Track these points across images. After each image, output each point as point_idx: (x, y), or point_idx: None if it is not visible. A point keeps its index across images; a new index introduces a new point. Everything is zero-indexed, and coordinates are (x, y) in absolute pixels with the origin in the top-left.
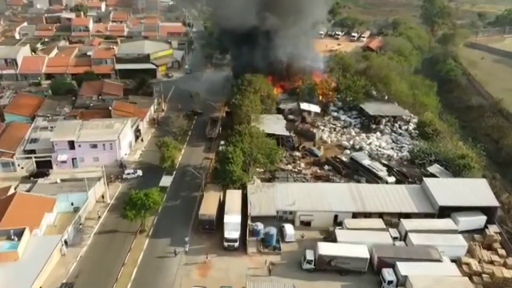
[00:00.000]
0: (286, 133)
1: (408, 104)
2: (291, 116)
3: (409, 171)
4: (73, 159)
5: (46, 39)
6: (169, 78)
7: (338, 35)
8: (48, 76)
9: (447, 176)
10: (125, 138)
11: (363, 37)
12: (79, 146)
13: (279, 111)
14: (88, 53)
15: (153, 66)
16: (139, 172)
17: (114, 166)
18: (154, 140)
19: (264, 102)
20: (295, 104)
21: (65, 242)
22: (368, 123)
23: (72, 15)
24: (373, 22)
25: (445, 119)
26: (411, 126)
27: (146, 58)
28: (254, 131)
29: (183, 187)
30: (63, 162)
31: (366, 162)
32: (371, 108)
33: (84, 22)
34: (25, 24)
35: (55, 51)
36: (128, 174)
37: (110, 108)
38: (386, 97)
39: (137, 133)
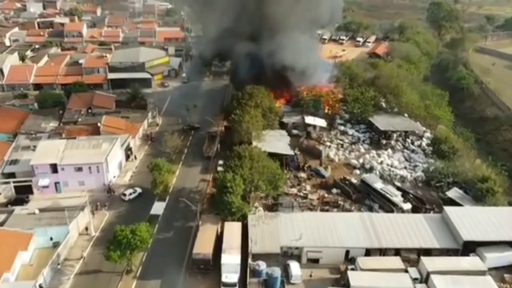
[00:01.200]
0: (290, 152)
1: (420, 117)
2: (295, 131)
3: (425, 195)
4: (56, 183)
5: (37, 46)
6: (165, 88)
7: (343, 40)
8: (37, 86)
9: (468, 201)
10: (114, 159)
11: (369, 42)
12: (62, 169)
13: (282, 125)
14: (80, 61)
15: (148, 75)
16: (139, 190)
17: (101, 190)
18: (147, 160)
19: (266, 117)
20: (300, 117)
21: (40, 287)
22: (378, 139)
23: (66, 20)
24: (379, 26)
25: (459, 132)
26: (424, 142)
27: (140, 67)
28: (255, 153)
29: (177, 215)
30: (45, 187)
31: (379, 185)
32: (381, 122)
33: (77, 27)
34: (16, 29)
35: (45, 59)
36: (130, 194)
37: (99, 124)
38: (396, 109)
39: (128, 152)
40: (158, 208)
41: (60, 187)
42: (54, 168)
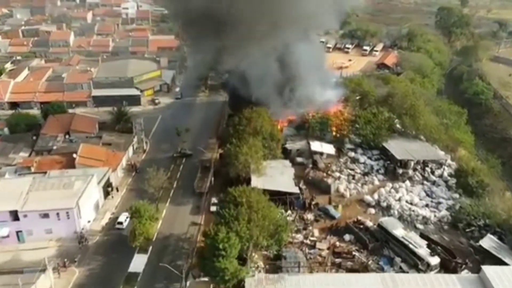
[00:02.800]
0: (295, 189)
1: (441, 142)
2: (299, 159)
3: (453, 242)
4: (17, 232)
5: (19, 57)
6: (155, 106)
7: (348, 48)
8: (13, 105)
9: (506, 253)
10: (89, 199)
11: (376, 50)
12: (25, 216)
13: (285, 151)
14: (63, 75)
15: (137, 92)
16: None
17: (72, 239)
18: (130, 196)
19: (267, 145)
20: (304, 142)
21: None
22: (394, 168)
23: (53, 28)
24: (386, 33)
25: (483, 157)
26: (446, 171)
27: (128, 82)
28: (255, 200)
29: (161, 273)
30: (4, 237)
31: (400, 232)
32: (396, 148)
33: (63, 36)
34: None
35: (25, 72)
36: (120, 223)
37: (74, 155)
38: (412, 131)
39: (108, 188)
40: (138, 264)
41: (23, 236)
42: (15, 215)
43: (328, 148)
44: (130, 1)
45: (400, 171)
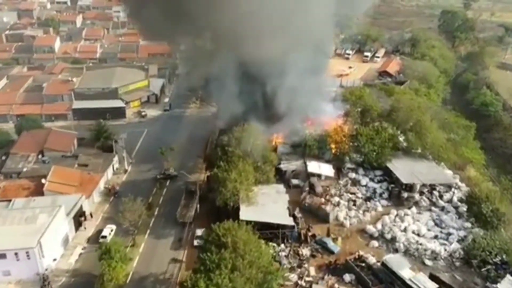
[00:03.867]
0: (289, 220)
1: (449, 161)
2: (295, 181)
3: (467, 284)
4: None
5: (0, 64)
6: (141, 119)
7: (349, 54)
8: None
9: None
10: (56, 235)
11: (377, 56)
12: None
13: (279, 172)
14: (44, 85)
15: (121, 104)
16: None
17: (34, 281)
18: (105, 225)
19: (259, 169)
20: (301, 162)
21: None
22: (399, 191)
23: (39, 32)
24: (388, 38)
25: (494, 176)
26: (456, 195)
27: (113, 93)
28: (242, 240)
29: None
30: None
31: (407, 273)
32: (401, 170)
33: (48, 41)
34: None
35: (3, 81)
36: (104, 237)
37: (43, 180)
38: (418, 149)
39: (81, 217)
40: None
41: None
42: None
43: (327, 170)
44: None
45: (406, 195)
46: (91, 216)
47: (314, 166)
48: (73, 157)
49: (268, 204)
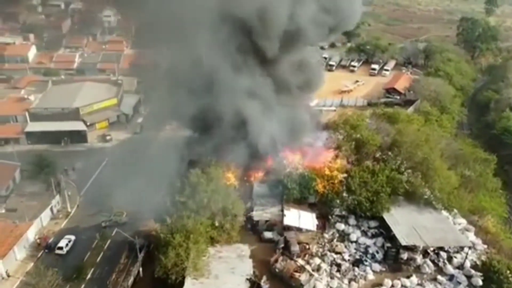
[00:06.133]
0: None
1: (462, 210)
2: (268, 234)
3: None
4: None
5: None
6: (106, 144)
7: (354, 66)
8: None
9: None
10: None
11: (386, 69)
12: None
13: (250, 222)
14: None
15: (82, 126)
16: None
17: None
18: None
19: (219, 224)
20: (277, 210)
21: None
22: (397, 251)
23: (18, 39)
24: (400, 49)
25: None
26: (469, 260)
27: (74, 114)
28: None
29: None
30: None
31: None
32: (401, 225)
33: (21, 50)
34: None
35: None
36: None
37: None
38: (424, 192)
39: None
40: None
41: None
42: None
43: (308, 221)
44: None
45: (405, 255)
46: (8, 276)
47: (292, 217)
48: (3, 198)
49: (224, 275)
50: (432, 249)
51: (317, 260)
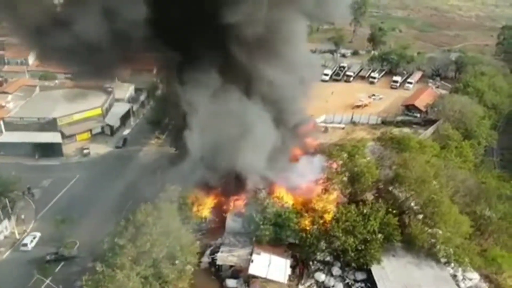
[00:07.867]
0: None
1: (476, 262)
2: (231, 283)
3: None
4: None
5: None
6: (83, 158)
7: (374, 78)
8: None
9: None
10: None
11: (410, 82)
12: None
13: (214, 265)
14: None
15: (57, 138)
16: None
17: None
18: None
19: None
20: (246, 254)
21: None
22: None
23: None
24: (428, 59)
25: None
26: None
27: (50, 125)
28: None
29: None
30: None
31: None
32: (391, 282)
33: (22, 52)
34: None
35: None
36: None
37: None
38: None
39: None
40: None
41: None
42: None
43: (279, 271)
44: None
45: None
46: None
47: (260, 264)
48: None
49: None
50: None
51: None
